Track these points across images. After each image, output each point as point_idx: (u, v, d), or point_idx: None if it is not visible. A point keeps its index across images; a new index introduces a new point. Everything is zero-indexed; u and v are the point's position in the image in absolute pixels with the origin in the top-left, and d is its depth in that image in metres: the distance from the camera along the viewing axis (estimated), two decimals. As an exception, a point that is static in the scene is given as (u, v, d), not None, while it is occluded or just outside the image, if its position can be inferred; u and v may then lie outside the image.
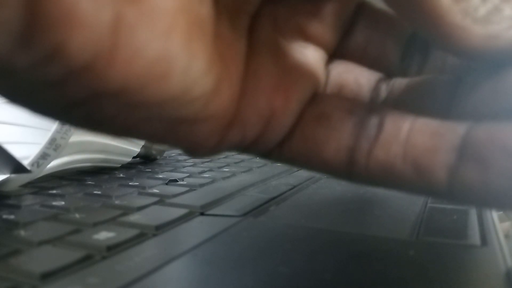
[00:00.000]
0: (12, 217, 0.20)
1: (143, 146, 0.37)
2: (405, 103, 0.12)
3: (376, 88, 0.13)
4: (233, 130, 0.12)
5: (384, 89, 0.13)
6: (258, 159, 0.41)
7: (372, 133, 0.11)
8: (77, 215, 0.20)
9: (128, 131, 0.11)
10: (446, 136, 0.10)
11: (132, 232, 0.18)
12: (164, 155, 0.42)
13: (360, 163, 0.11)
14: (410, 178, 0.11)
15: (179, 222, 0.20)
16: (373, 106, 0.12)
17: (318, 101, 0.12)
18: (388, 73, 0.13)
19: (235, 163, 0.39)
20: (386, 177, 0.11)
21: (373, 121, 0.11)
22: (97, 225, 0.19)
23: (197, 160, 0.41)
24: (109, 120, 0.10)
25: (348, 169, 0.12)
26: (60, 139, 0.26)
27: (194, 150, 0.12)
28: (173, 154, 0.46)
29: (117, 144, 0.34)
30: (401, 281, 0.14)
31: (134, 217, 0.20)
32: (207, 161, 0.40)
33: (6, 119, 0.32)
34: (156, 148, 0.39)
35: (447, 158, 0.10)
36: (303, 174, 0.33)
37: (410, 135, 0.11)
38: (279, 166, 0.36)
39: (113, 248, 0.16)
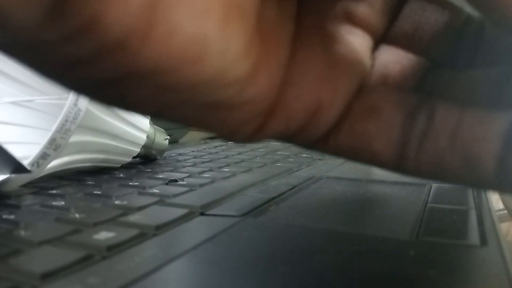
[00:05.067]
0: (12, 217, 0.20)
1: (143, 146, 0.37)
2: (452, 95, 0.12)
3: (422, 79, 0.13)
4: (275, 119, 0.11)
5: (430, 80, 0.13)
6: (258, 159, 0.41)
7: (423, 126, 0.11)
8: (77, 215, 0.20)
9: (161, 114, 0.10)
10: (493, 125, 0.10)
11: (132, 232, 0.18)
12: (164, 155, 0.42)
13: (410, 157, 0.11)
14: (459, 170, 0.10)
15: (179, 222, 0.20)
16: (421, 98, 0.11)
17: (367, 92, 0.12)
18: (435, 64, 0.13)
19: (235, 163, 0.39)
20: (435, 170, 0.11)
21: (424, 113, 0.11)
22: (97, 225, 0.19)
23: (197, 160, 0.41)
24: (142, 102, 0.09)
25: (397, 163, 0.11)
26: (60, 139, 0.26)
27: (231, 136, 0.11)
28: (173, 154, 0.46)
29: (117, 144, 0.34)
30: (401, 281, 0.14)
31: (134, 217, 0.20)
32: (207, 161, 0.40)
33: (6, 119, 0.32)
34: (156, 148, 0.39)
35: (494, 146, 0.10)
36: (303, 174, 0.33)
37: (458, 127, 0.10)
38: (279, 166, 0.36)
39: (113, 248, 0.16)
